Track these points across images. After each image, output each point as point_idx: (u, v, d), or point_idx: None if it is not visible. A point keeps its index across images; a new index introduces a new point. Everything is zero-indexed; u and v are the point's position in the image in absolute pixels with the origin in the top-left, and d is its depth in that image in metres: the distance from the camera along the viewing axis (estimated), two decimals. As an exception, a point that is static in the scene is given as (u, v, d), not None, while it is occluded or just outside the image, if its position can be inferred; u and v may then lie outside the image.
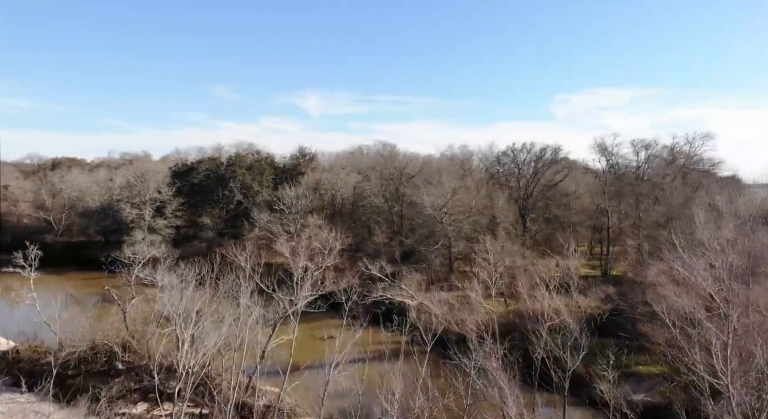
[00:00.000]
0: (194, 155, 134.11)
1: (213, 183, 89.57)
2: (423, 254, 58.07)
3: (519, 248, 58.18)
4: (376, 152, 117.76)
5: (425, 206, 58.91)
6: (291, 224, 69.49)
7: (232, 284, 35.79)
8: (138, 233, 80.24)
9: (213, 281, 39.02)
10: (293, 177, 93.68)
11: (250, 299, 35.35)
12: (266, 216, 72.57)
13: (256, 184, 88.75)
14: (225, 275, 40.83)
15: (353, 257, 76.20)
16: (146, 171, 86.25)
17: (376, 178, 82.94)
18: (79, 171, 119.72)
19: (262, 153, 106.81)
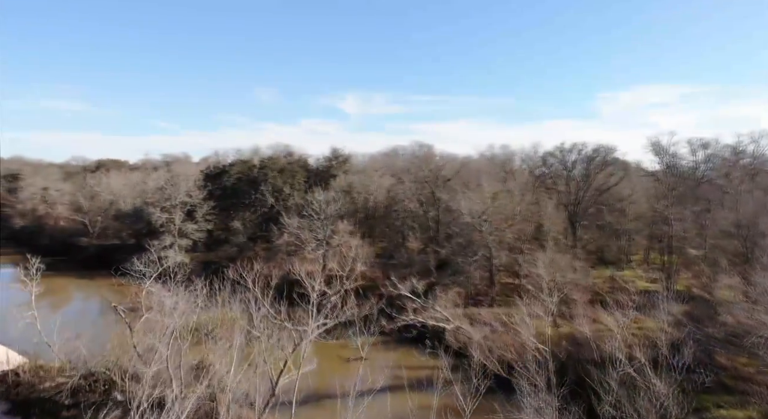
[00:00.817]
0: (231, 157, 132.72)
1: (245, 186, 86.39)
2: (460, 266, 52.31)
3: (570, 260, 51.56)
4: (411, 153, 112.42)
5: (463, 213, 53.13)
6: (320, 230, 64.95)
7: (244, 307, 31.11)
8: (167, 238, 77.77)
9: (224, 301, 34.58)
10: (325, 180, 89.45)
11: (264, 322, 30.73)
12: (295, 221, 68.33)
13: (288, 187, 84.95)
14: (240, 292, 36.58)
15: (386, 264, 71.12)
16: (176, 174, 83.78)
17: (411, 181, 77.56)
18: (117, 173, 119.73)
19: (295, 155, 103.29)
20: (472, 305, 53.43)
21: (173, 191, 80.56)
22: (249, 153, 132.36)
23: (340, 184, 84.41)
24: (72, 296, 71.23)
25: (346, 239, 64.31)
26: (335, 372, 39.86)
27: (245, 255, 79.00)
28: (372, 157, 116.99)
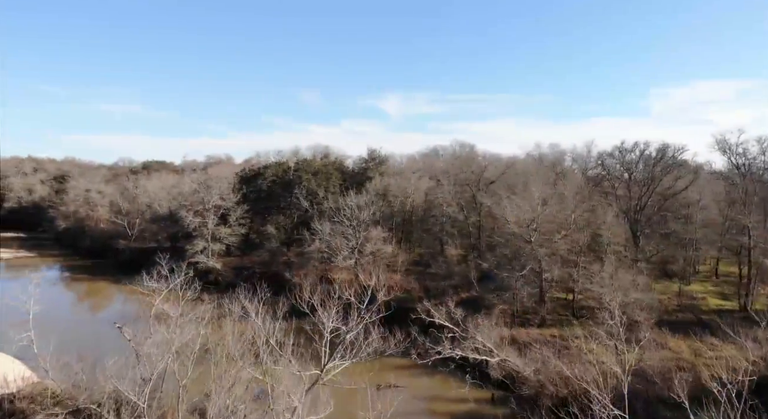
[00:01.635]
0: (272, 159, 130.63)
1: (279, 189, 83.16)
2: (506, 281, 46.46)
3: (633, 275, 44.85)
4: (452, 153, 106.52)
5: (508, 222, 47.24)
6: (352, 237, 60.40)
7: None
8: (200, 242, 75.34)
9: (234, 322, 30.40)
10: (361, 183, 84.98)
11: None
12: (327, 227, 64.05)
13: (322, 190, 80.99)
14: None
15: (422, 273, 65.87)
16: (209, 177, 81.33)
17: (451, 183, 71.91)
18: (158, 175, 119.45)
19: (331, 156, 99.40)
20: (519, 325, 47.52)
21: (207, 194, 78.11)
22: (289, 154, 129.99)
23: (375, 187, 79.71)
24: (99, 303, 69.57)
25: (380, 247, 59.51)
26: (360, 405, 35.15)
27: (278, 261, 75.77)
28: (410, 158, 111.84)
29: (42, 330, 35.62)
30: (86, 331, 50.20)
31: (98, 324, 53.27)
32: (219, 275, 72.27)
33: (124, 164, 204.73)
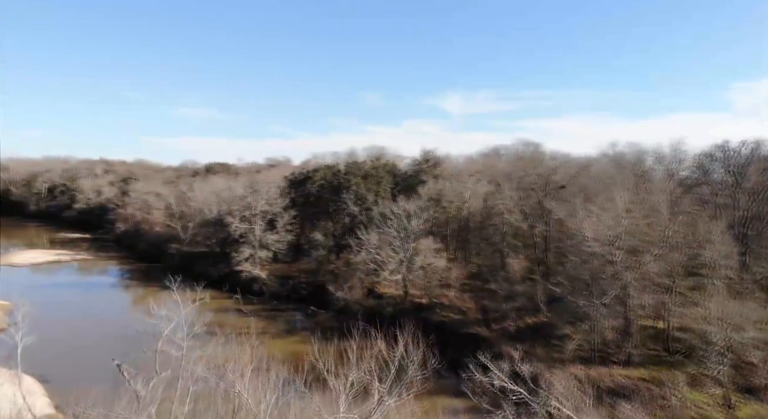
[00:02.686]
0: (329, 160, 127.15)
1: (328, 194, 78.43)
2: (582, 309, 38.51)
3: (744, 304, 35.60)
4: (515, 153, 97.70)
5: (586, 238, 39.21)
6: (401, 248, 54.15)
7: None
8: (246, 249, 71.98)
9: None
10: (413, 187, 78.62)
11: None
12: (375, 237, 58.23)
13: (372, 194, 75.40)
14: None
15: (480, 290, 58.49)
16: (256, 181, 77.97)
17: (513, 188, 64.00)
18: (214, 178, 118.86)
19: (383, 158, 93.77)
20: (599, 362, 39.41)
21: (254, 199, 74.71)
22: (344, 156, 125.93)
23: (428, 191, 73.04)
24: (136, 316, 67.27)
25: (431, 262, 52.92)
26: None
27: (324, 270, 71.00)
28: (469, 159, 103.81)
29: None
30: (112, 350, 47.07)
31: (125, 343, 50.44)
32: (263, 284, 68.46)
33: (189, 165, 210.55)
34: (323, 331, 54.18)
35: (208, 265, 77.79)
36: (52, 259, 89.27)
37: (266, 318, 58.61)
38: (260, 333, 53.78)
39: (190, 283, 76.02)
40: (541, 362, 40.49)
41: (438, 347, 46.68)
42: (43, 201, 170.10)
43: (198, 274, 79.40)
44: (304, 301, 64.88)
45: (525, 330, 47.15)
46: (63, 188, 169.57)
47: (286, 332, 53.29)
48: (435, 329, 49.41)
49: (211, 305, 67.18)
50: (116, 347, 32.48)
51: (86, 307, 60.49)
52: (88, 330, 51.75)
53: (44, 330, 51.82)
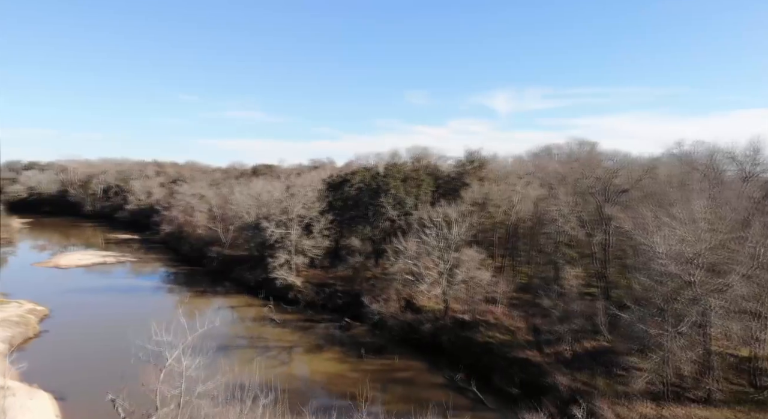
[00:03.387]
0: (372, 161, 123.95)
1: (366, 197, 74.71)
2: (653, 339, 32.64)
3: None
4: (568, 153, 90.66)
5: (658, 253, 33.26)
6: (441, 261, 49.48)
7: None
8: (282, 255, 69.36)
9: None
10: (456, 190, 73.70)
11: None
12: (413, 245, 53.85)
13: (411, 198, 71.07)
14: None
15: (531, 306, 52.89)
16: (293, 184, 75.29)
17: (569, 192, 57.92)
18: (261, 180, 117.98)
19: (426, 159, 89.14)
20: (673, 399, 33.41)
21: (291, 203, 72.05)
22: (386, 157, 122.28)
23: (473, 195, 67.93)
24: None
25: (474, 275, 47.96)
26: None
27: (361, 277, 67.32)
28: (518, 159, 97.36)
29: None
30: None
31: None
32: (298, 292, 65.54)
33: (236, 167, 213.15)
34: (357, 346, 50.72)
35: (245, 270, 75.97)
36: (98, 261, 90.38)
37: (299, 329, 55.50)
38: (291, 346, 50.89)
39: (227, 288, 74.95)
40: (603, 396, 34.99)
41: (483, 372, 42.04)
42: (98, 202, 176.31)
43: (235, 279, 78.23)
44: (339, 311, 61.43)
45: (583, 355, 41.47)
46: (117, 189, 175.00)
47: (318, 347, 49.88)
48: (479, 351, 44.60)
49: (245, 313, 65.22)
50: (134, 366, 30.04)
51: (119, 313, 59.47)
52: (115, 340, 50.18)
53: (71, 339, 51.29)
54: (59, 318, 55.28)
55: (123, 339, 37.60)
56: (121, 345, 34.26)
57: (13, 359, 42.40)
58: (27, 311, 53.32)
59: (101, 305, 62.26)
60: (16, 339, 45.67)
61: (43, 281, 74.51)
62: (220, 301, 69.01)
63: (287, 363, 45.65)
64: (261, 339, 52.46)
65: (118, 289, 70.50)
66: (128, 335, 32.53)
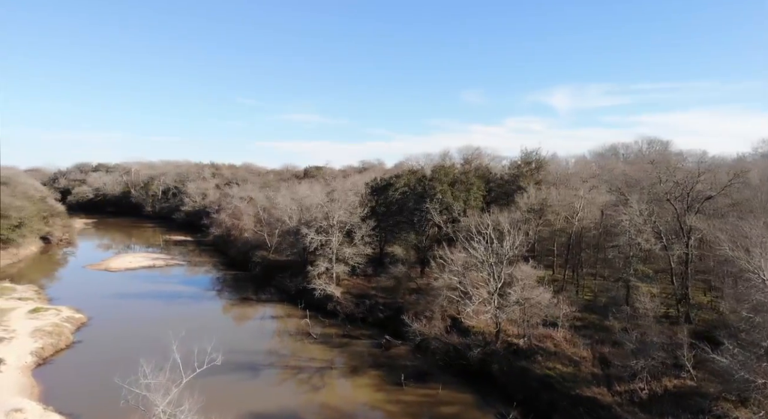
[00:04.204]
0: (422, 162, 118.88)
1: (411, 202, 69.66)
2: (758, 389, 25.56)
3: None
4: (637, 152, 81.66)
5: (766, 281, 26.12)
6: (492, 277, 43.56)
7: None
8: (322, 263, 65.68)
9: None
10: (510, 194, 67.14)
11: None
12: (461, 257, 48.26)
13: (460, 203, 65.28)
14: None
15: (598, 330, 45.99)
16: (334, 189, 71.41)
17: (644, 200, 50.25)
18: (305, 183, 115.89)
19: (477, 160, 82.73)
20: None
21: (331, 208, 68.22)
22: (439, 158, 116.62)
23: (529, 201, 61.23)
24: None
25: (530, 296, 41.72)
26: None
27: (403, 289, 62.36)
28: (580, 159, 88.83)
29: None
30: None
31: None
32: (337, 304, 61.46)
33: (289, 168, 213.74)
34: (397, 370, 45.79)
35: (286, 277, 72.93)
36: (147, 264, 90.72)
37: (336, 346, 51.33)
38: (325, 367, 46.64)
39: (269, 295, 72.15)
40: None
41: (541, 411, 35.91)
42: (157, 203, 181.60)
43: (277, 286, 75.43)
44: (380, 326, 56.81)
45: (662, 396, 34.45)
46: (175, 190, 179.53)
47: (354, 369, 45.45)
48: (537, 384, 38.45)
49: (283, 325, 61.57)
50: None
51: (156, 322, 57.73)
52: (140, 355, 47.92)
53: (101, 353, 49.10)
54: (96, 327, 54.03)
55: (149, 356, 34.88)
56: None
57: (38, 374, 41.05)
58: (64, 319, 52.29)
59: (140, 313, 60.91)
60: (46, 350, 44.21)
61: (91, 285, 74.94)
62: (259, 310, 66.27)
63: (318, 389, 41.43)
64: (295, 356, 48.67)
65: (161, 295, 69.31)
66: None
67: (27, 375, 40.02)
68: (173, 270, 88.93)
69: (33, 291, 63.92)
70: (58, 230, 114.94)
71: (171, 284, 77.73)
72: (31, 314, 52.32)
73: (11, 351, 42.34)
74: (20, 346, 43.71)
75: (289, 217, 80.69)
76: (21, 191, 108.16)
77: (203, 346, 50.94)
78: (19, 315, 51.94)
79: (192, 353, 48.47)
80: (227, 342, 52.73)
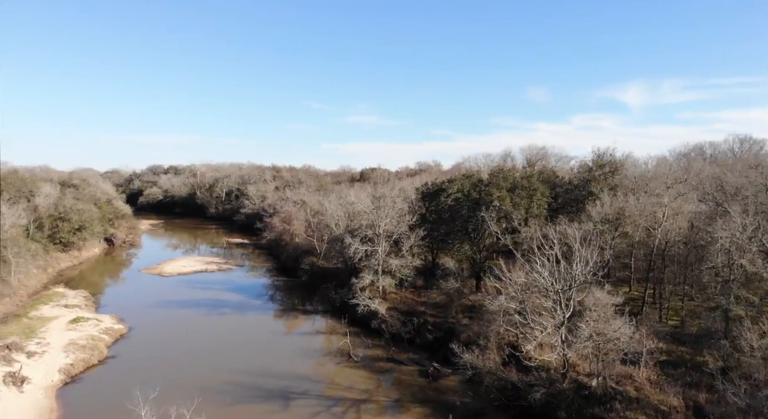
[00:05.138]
0: (481, 163, 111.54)
1: (465, 210, 62.96)
2: None
3: None
4: (726, 151, 70.18)
5: None
6: (559, 305, 36.25)
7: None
8: (366, 275, 60.61)
9: None
10: (580, 201, 58.78)
11: None
12: (521, 276, 41.20)
13: (521, 212, 57.83)
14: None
15: (688, 365, 37.49)
16: (382, 195, 66.04)
17: (750, 212, 40.80)
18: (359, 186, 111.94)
19: (540, 162, 74.29)
20: None
21: (377, 216, 62.95)
22: (499, 159, 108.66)
23: (602, 210, 52.81)
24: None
25: (605, 330, 34.08)
26: None
27: (455, 306, 55.88)
28: (661, 160, 77.75)
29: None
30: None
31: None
32: (382, 321, 56.01)
33: (346, 170, 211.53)
34: (446, 408, 39.47)
35: (331, 288, 68.45)
36: (199, 269, 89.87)
37: (378, 372, 45.88)
38: (364, 399, 41.28)
39: (314, 306, 67.98)
40: None
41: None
42: (220, 205, 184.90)
43: (322, 297, 71.22)
44: (429, 349, 50.77)
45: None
46: (237, 192, 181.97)
47: (397, 403, 39.81)
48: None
49: (323, 343, 55.25)
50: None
51: (197, 335, 55.07)
52: (170, 373, 44.78)
53: (132, 371, 44.08)
54: (133, 340, 51.90)
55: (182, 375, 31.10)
56: (173, 388, 27.91)
57: (61, 394, 38.70)
58: (102, 330, 50.49)
59: (181, 324, 58.57)
60: (76, 367, 42.00)
61: (140, 291, 74.23)
62: (302, 324, 62.17)
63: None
64: (332, 383, 43.71)
65: (206, 304, 67.07)
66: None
67: (50, 396, 37.67)
68: (224, 276, 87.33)
69: (82, 298, 63.44)
70: (123, 232, 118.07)
71: (218, 291, 75.66)
72: (70, 324, 50.98)
73: (40, 368, 40.37)
74: (50, 362, 41.77)
75: (336, 224, 76.39)
76: (88, 194, 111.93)
77: (235, 366, 47.84)
78: (59, 325, 50.73)
79: (221, 371, 45.30)
80: (263, 363, 48.69)
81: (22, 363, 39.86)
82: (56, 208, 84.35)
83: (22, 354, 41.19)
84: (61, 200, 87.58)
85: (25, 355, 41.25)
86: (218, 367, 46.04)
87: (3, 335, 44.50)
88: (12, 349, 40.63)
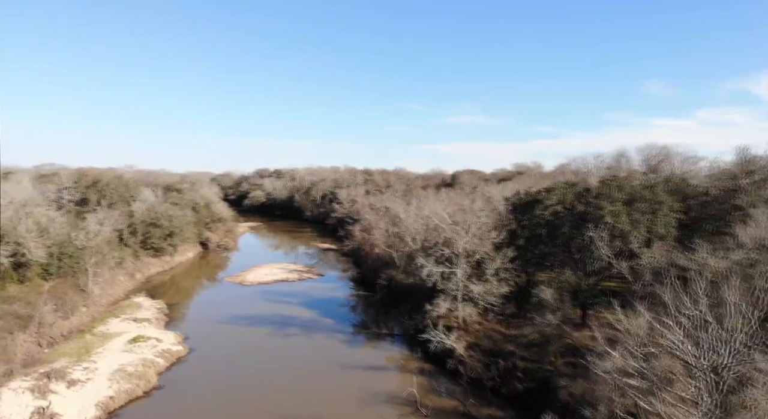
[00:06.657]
0: (590, 164, 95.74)
1: (567, 226, 50.43)
2: None
3: None
4: None
5: None
6: (708, 389, 23.66)
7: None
8: (443, 303, 50.78)
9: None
10: (721, 218, 43.70)
11: None
12: (644, 320, 28.94)
13: (641, 231, 44.14)
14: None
15: None
16: (460, 207, 55.66)
17: None
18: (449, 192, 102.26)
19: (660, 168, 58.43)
20: None
21: (455, 233, 52.76)
22: (610, 159, 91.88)
23: (758, 232, 37.74)
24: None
25: None
26: None
27: (553, 349, 43.86)
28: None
29: None
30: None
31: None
32: (460, 362, 45.73)
33: (437, 173, 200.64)
34: None
35: (405, 312, 59.50)
36: (280, 278, 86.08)
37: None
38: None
39: (389, 331, 59.34)
40: None
41: None
42: (315, 208, 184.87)
43: (395, 321, 62.52)
44: (518, 403, 39.77)
45: None
46: (331, 196, 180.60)
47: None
48: None
49: (390, 384, 42.55)
50: None
51: (259, 361, 49.36)
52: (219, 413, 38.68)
53: (177, 409, 39.34)
54: (190, 366, 47.22)
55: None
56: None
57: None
58: (159, 352, 46.44)
59: (246, 346, 53.34)
60: (115, 401, 37.61)
61: (217, 303, 71.17)
62: (371, 353, 53.78)
63: None
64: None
65: (276, 320, 61.82)
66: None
67: (77, 439, 33.20)
68: (302, 286, 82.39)
69: (156, 310, 61.20)
70: (218, 236, 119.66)
71: (292, 305, 70.35)
72: (128, 344, 47.68)
73: (77, 401, 36.39)
74: (91, 393, 37.79)
75: (412, 238, 67.24)
76: (189, 199, 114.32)
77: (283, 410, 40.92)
78: (117, 344, 47.65)
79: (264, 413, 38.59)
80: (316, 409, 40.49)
81: (59, 395, 36.12)
82: (149, 214, 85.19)
83: (62, 382, 37.65)
84: (154, 206, 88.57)
85: (65, 384, 37.66)
86: (263, 408, 39.36)
87: (53, 357, 41.88)
88: (52, 378, 37.23)
